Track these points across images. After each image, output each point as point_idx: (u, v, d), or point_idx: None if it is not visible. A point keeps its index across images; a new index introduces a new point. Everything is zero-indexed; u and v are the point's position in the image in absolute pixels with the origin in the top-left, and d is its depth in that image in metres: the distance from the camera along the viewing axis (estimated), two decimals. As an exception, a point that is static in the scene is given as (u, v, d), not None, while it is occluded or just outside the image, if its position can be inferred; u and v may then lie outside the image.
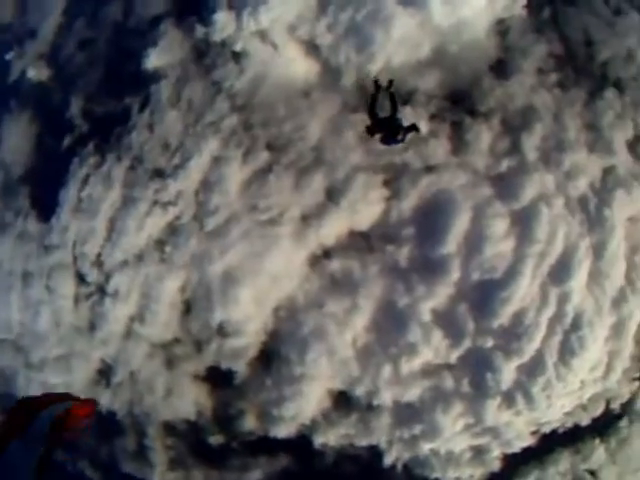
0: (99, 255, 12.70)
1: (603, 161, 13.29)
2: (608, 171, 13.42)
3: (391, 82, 6.00)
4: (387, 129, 5.70)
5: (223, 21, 12.31)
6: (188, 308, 12.43)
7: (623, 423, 13.76)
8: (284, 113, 11.48)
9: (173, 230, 12.24)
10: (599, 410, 13.63)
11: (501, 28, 12.81)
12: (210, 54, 12.52)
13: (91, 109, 13.55)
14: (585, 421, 13.59)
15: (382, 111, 5.93)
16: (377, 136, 5.77)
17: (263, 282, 11.69)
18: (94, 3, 14.33)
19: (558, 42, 13.39)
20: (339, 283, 11.46)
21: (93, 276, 12.75)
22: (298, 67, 11.84)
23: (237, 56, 12.23)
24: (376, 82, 6.11)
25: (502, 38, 12.73)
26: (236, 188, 11.75)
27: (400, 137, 5.67)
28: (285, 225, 11.37)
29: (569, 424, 13.56)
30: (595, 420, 13.60)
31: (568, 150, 12.63)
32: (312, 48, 11.92)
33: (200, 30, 12.55)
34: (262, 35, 12.25)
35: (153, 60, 12.74)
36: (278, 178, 11.35)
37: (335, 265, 11.45)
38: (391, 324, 11.74)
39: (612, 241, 13.45)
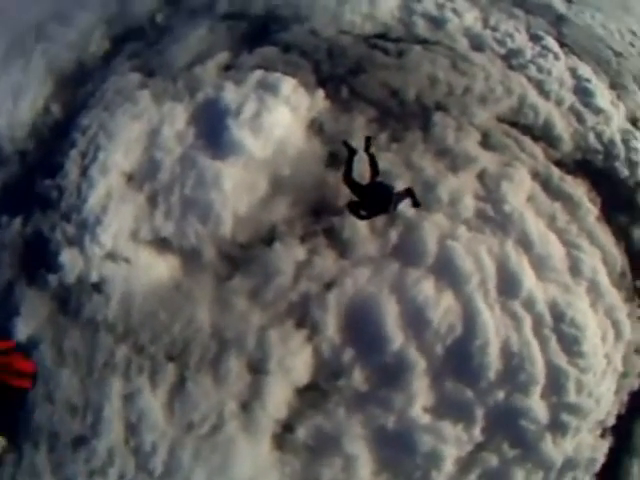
0: None
1: (471, 172, 13.72)
2: (481, 176, 13.83)
3: (369, 140, 5.08)
4: (372, 200, 4.71)
5: (69, 259, 11.82)
6: None
7: (666, 355, 13.06)
8: (166, 317, 10.70)
9: (123, 497, 10.43)
10: (638, 364, 12.63)
11: (316, 127, 13.51)
12: (72, 297, 11.76)
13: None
14: (636, 383, 12.52)
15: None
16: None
17: (243, 495, 9.96)
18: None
19: (369, 108, 14.41)
20: (318, 447, 10.00)
21: None
22: (158, 268, 11.39)
23: (97, 286, 11.61)
24: (347, 144, 5.18)
25: (321, 134, 13.38)
26: (161, 415, 10.39)
27: (392, 209, 4.75)
28: (229, 424, 10.02)
29: (625, 398, 12.38)
30: (643, 375, 12.69)
31: (436, 185, 12.89)
32: (161, 243, 11.62)
33: (53, 278, 11.88)
34: (111, 255, 11.85)
35: (23, 330, 11.65)
36: (196, 383, 10.22)
37: (302, 433, 10.06)
38: (395, 451, 10.25)
39: (529, 226, 13.41)
